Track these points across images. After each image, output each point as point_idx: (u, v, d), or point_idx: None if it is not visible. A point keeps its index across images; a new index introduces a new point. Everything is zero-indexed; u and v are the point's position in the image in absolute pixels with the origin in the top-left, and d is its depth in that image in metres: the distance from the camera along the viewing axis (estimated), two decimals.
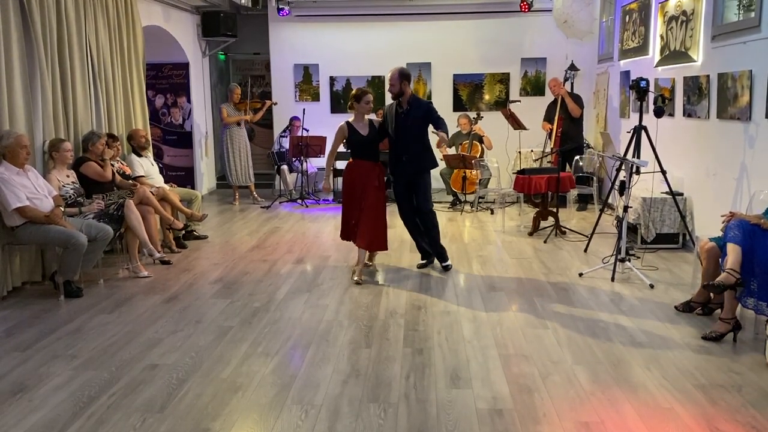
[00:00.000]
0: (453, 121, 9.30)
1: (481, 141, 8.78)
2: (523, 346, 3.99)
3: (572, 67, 9.32)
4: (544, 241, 6.74)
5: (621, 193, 5.47)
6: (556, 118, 8.08)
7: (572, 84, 8.75)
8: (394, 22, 10.14)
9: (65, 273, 5.03)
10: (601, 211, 6.75)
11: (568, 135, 8.17)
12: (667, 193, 6.09)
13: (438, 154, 8.99)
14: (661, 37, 6.95)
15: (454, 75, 10.23)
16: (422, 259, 5.88)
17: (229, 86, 9.51)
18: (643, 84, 5.55)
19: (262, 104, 9.54)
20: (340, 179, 9.64)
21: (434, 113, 5.55)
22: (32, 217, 4.88)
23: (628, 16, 8.01)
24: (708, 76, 5.83)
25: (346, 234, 5.66)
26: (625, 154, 5.71)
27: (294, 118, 9.60)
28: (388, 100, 10.17)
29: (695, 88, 6.11)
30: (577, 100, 8.32)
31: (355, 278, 5.37)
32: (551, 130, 8.27)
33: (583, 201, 8.61)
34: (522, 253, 6.31)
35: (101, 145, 5.89)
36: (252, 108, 9.40)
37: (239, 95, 9.25)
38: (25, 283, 5.36)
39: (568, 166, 8.11)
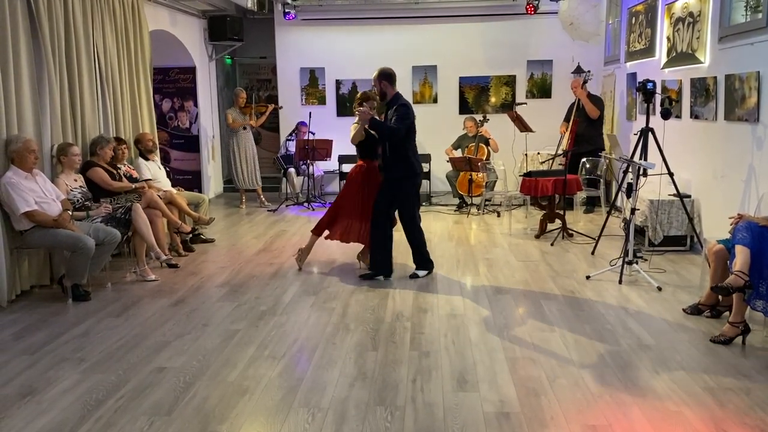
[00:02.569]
0: (459, 123, 9.32)
1: (487, 143, 8.77)
2: (529, 349, 3.98)
3: (578, 69, 9.30)
4: (551, 244, 6.72)
5: (628, 196, 5.45)
6: (572, 119, 8.04)
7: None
8: (400, 25, 10.15)
9: (73, 276, 5.05)
10: (609, 213, 6.73)
11: (584, 137, 8.09)
12: (674, 195, 6.06)
13: (444, 157, 9.06)
14: (668, 38, 6.93)
15: (460, 77, 10.23)
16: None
17: (234, 90, 9.53)
18: (649, 86, 5.54)
19: (266, 108, 9.56)
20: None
21: (396, 116, 5.34)
22: (40, 221, 4.90)
23: (634, 18, 7.99)
24: (715, 77, 5.81)
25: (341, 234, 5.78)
26: (632, 156, 5.69)
27: (301, 124, 9.62)
28: None
29: (702, 89, 6.08)
30: (596, 101, 8.25)
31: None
32: (565, 131, 8.22)
33: (591, 203, 8.58)
34: (529, 256, 6.30)
35: (109, 150, 5.92)
36: (257, 112, 9.42)
37: (245, 99, 9.27)
38: (33, 287, 5.39)
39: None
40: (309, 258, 6.29)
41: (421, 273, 5.69)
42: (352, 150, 6.12)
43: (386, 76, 5.50)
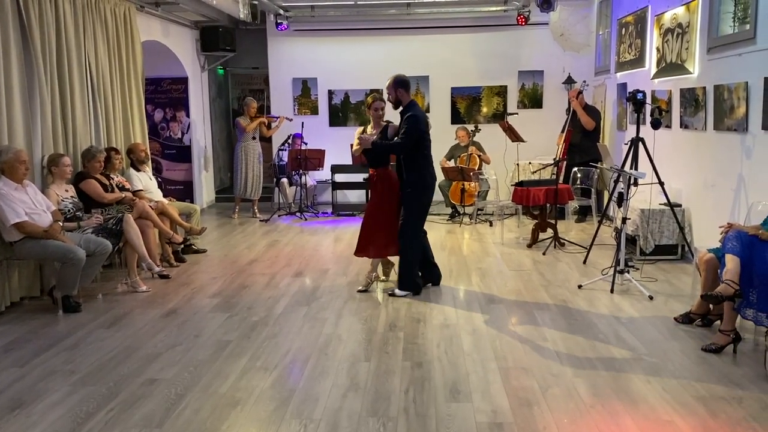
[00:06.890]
0: (451, 134, 9.34)
1: (481, 150, 8.83)
2: (522, 359, 3.98)
3: (569, 80, 9.37)
4: (543, 253, 6.74)
5: (619, 205, 5.48)
6: (566, 129, 8.06)
7: (567, 97, 8.76)
8: (392, 36, 10.19)
9: (63, 288, 5.02)
10: (600, 222, 6.75)
11: (580, 147, 8.11)
12: (665, 204, 6.10)
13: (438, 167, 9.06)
14: (658, 49, 7.00)
15: (452, 88, 10.27)
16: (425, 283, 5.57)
17: (245, 100, 9.43)
18: (639, 96, 5.58)
19: (277, 120, 9.53)
20: (345, 192, 9.68)
21: (405, 128, 5.17)
22: (31, 232, 4.88)
23: (624, 29, 8.06)
24: (704, 87, 5.86)
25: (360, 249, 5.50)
26: (623, 165, 5.72)
27: (295, 135, 9.60)
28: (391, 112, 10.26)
29: (692, 99, 6.14)
30: (592, 112, 8.23)
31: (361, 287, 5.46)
32: (562, 141, 8.25)
33: (582, 213, 8.61)
34: (521, 265, 6.31)
35: (100, 161, 5.87)
36: (268, 122, 9.41)
37: (255, 108, 9.24)
38: (23, 298, 5.35)
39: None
40: (302, 268, 6.30)
41: (400, 293, 5.30)
42: (345, 160, 6.12)
43: (402, 84, 5.38)
